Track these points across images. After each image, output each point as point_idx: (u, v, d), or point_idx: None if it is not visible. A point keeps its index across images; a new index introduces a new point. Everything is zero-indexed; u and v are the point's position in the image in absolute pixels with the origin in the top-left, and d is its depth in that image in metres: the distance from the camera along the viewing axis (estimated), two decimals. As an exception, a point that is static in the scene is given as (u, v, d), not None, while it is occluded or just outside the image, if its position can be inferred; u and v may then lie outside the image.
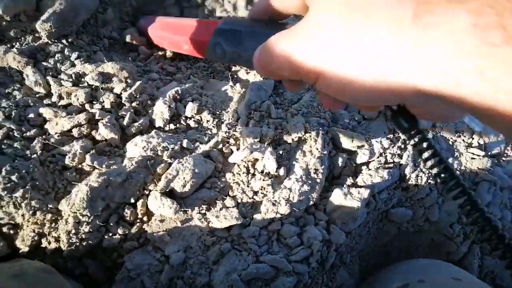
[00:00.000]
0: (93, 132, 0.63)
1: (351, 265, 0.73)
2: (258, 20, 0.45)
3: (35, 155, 0.58)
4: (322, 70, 0.30)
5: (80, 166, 0.60)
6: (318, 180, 0.65)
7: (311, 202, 0.65)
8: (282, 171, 0.64)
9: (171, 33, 0.73)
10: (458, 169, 0.77)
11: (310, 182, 0.65)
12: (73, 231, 0.54)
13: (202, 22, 0.64)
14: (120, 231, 0.57)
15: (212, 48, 0.52)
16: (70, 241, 0.54)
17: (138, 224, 0.59)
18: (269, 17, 0.44)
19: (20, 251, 0.56)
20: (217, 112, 0.71)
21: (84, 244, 0.55)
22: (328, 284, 0.68)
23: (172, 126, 0.67)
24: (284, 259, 0.61)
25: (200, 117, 0.69)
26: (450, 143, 0.79)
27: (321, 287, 0.66)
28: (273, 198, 0.63)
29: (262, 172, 0.64)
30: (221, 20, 0.52)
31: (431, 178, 0.73)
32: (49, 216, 0.55)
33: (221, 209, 0.60)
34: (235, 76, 0.81)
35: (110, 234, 0.57)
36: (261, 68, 0.38)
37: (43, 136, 0.61)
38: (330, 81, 0.30)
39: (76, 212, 0.54)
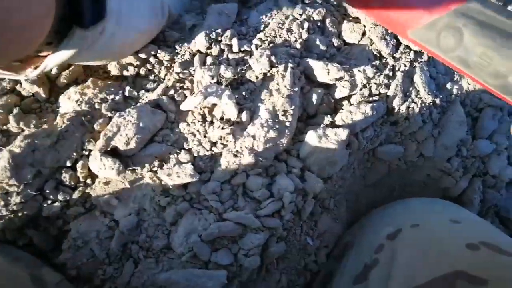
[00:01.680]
0: (17, 87, 0.54)
1: (335, 210, 0.66)
2: None
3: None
4: None
5: (5, 128, 0.52)
6: (287, 124, 0.56)
7: (281, 148, 0.57)
8: (244, 116, 0.55)
9: None
10: (459, 94, 0.67)
11: (277, 126, 0.56)
12: (2, 203, 0.48)
13: None
14: (60, 197, 0.51)
15: (439, 26, 0.33)
16: (0, 214, 0.48)
17: (81, 188, 0.52)
18: None
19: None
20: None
21: (19, 215, 0.50)
22: (308, 233, 0.62)
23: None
24: (251, 214, 0.54)
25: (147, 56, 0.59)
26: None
27: (300, 237, 0.60)
28: (234, 148, 0.54)
29: (221, 119, 0.55)
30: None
31: (424, 108, 0.63)
32: (-25, 187, 0.49)
33: (174, 165, 0.53)
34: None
35: (49, 202, 0.51)
36: None
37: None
38: None
39: (1, 182, 0.47)
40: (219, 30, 0.59)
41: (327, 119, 0.60)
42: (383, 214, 0.66)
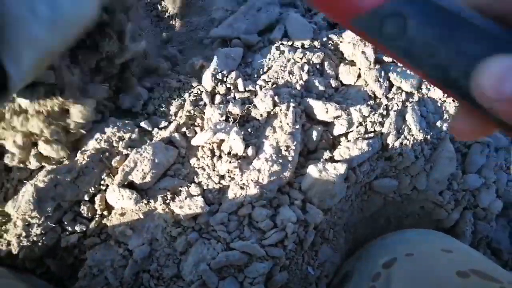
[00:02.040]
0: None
1: (335, 240, 0.70)
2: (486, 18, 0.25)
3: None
4: None
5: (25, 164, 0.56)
6: (290, 158, 0.61)
7: (284, 181, 0.61)
8: (250, 151, 0.60)
9: None
10: (448, 131, 0.72)
11: (281, 160, 0.60)
12: (24, 234, 0.51)
13: None
14: (77, 228, 0.54)
15: (382, 14, 0.29)
16: (21, 244, 0.51)
17: (97, 219, 0.56)
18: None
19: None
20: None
21: (39, 245, 0.53)
22: (309, 262, 0.65)
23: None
24: (257, 244, 0.57)
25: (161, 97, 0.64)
26: (439, 104, 0.73)
27: (301, 266, 0.63)
28: (241, 181, 0.58)
29: (229, 153, 0.60)
30: None
31: (416, 145, 0.68)
32: (-1, 219, 0.52)
33: (185, 198, 0.57)
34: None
35: (67, 233, 0.54)
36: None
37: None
38: None
39: (24, 215, 0.51)
40: (225, 72, 0.65)
41: (326, 154, 0.64)
42: (380, 245, 0.69)
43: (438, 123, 0.71)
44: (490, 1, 0.24)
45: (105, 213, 0.56)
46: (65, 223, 0.54)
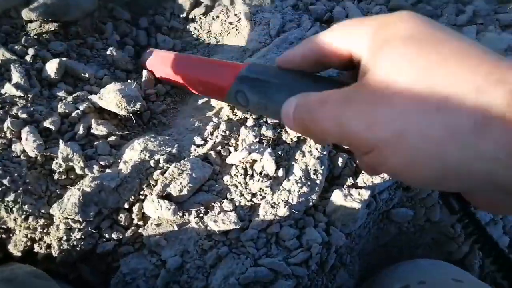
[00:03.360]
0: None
1: (351, 266, 0.72)
2: (287, 70, 0.39)
3: (24, 158, 0.56)
4: (381, 146, 0.27)
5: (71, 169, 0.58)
6: (317, 181, 0.64)
7: (311, 204, 0.64)
8: (281, 172, 0.63)
9: (182, 71, 0.64)
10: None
11: (309, 183, 0.63)
12: (64, 237, 0.53)
13: (221, 65, 0.55)
14: (114, 236, 0.56)
15: (233, 95, 0.45)
16: (61, 247, 0.53)
17: (133, 228, 0.58)
18: (301, 68, 0.38)
19: (13, 256, 0.55)
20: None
21: (77, 250, 0.54)
22: (327, 285, 0.67)
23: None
24: (283, 262, 0.59)
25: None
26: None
27: (320, 288, 0.65)
28: (271, 200, 0.61)
29: (260, 173, 0.63)
30: (245, 65, 0.45)
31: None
32: (41, 221, 0.54)
33: (219, 213, 0.59)
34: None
35: (104, 240, 0.56)
36: (297, 126, 0.33)
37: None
38: (386, 159, 0.27)
39: (67, 218, 0.52)
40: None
41: (350, 181, 0.68)
42: (393, 272, 0.72)
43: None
44: (299, 63, 0.38)
45: (141, 223, 0.58)
46: (103, 229, 0.56)
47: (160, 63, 0.71)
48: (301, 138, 0.66)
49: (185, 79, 0.65)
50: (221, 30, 0.89)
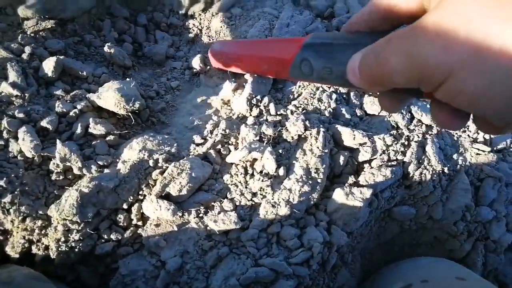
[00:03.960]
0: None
1: (352, 265, 0.71)
2: (355, 33, 0.39)
3: (21, 158, 0.55)
4: (457, 68, 0.25)
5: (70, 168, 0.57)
6: (319, 180, 0.63)
7: (312, 203, 0.63)
8: (281, 171, 0.62)
9: (246, 52, 0.66)
10: (463, 164, 0.75)
11: (310, 182, 0.62)
12: (62, 239, 0.52)
13: (283, 40, 0.57)
14: (113, 236, 0.55)
15: (297, 65, 0.46)
16: (59, 249, 0.52)
17: (132, 228, 0.57)
18: (368, 28, 0.37)
19: (10, 258, 0.55)
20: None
21: (75, 251, 0.53)
22: (329, 284, 0.66)
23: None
24: (284, 262, 0.59)
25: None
26: (455, 138, 0.77)
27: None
28: (272, 199, 0.60)
29: (261, 172, 0.62)
30: (309, 35, 0.45)
31: (435, 175, 0.71)
32: (39, 222, 0.53)
33: (219, 212, 0.58)
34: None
35: (103, 241, 0.55)
36: (364, 76, 0.32)
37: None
38: (464, 83, 0.25)
39: (65, 219, 0.52)
40: (258, 97, 0.68)
41: (351, 179, 0.67)
42: (395, 271, 0.71)
43: (455, 156, 0.75)
44: (365, 22, 0.37)
45: (140, 223, 0.57)
46: (101, 230, 0.55)
47: (223, 51, 0.72)
48: (302, 136, 0.66)
49: (248, 60, 0.66)
50: (221, 27, 0.88)
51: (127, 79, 0.66)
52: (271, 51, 0.56)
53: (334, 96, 0.71)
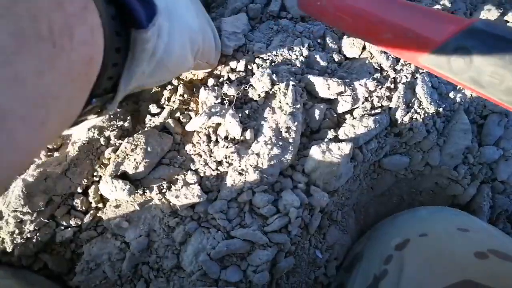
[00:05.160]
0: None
1: (343, 222, 0.67)
2: None
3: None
4: None
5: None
6: (291, 140, 0.57)
7: (285, 165, 0.58)
8: (248, 134, 0.56)
9: (372, 9, 0.43)
10: (462, 102, 0.67)
11: (281, 143, 0.57)
12: (17, 231, 0.50)
13: (434, 12, 0.39)
14: (72, 222, 0.53)
15: (446, 53, 0.33)
16: (15, 242, 0.50)
17: (92, 212, 0.54)
18: None
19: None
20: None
21: (33, 242, 0.51)
22: (317, 245, 0.62)
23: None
24: (258, 230, 0.55)
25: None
26: (451, 73, 0.68)
27: (309, 250, 0.61)
28: (239, 166, 0.56)
29: (226, 138, 0.57)
30: (476, 19, 0.34)
31: (428, 118, 0.64)
32: (-9, 216, 0.51)
33: (182, 186, 0.54)
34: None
35: (62, 228, 0.53)
36: None
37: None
38: None
39: (15, 211, 0.49)
40: (221, 52, 0.61)
41: (331, 134, 0.61)
42: (391, 225, 0.66)
43: (451, 94, 0.66)
44: None
45: (100, 205, 0.54)
46: (59, 217, 0.52)
47: None
48: (270, 93, 0.59)
49: (368, 20, 0.44)
50: None
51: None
52: (412, 20, 0.39)
53: (306, 42, 0.63)
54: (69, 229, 0.53)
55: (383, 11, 0.42)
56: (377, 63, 0.64)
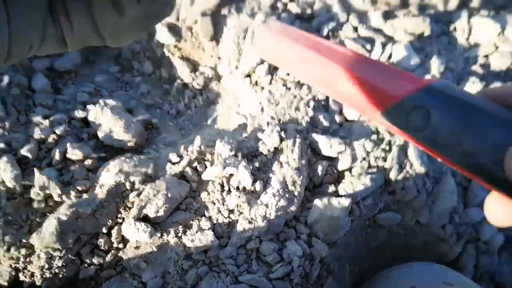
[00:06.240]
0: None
1: (339, 274, 0.72)
2: (501, 106, 0.28)
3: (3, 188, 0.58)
4: None
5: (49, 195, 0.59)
6: (296, 193, 0.64)
7: (291, 216, 0.64)
8: (258, 186, 0.63)
9: (320, 55, 0.43)
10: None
11: (287, 195, 0.63)
12: (46, 266, 0.54)
13: (391, 69, 0.38)
14: (95, 260, 0.57)
15: (403, 109, 0.32)
16: (44, 276, 0.54)
17: (113, 251, 0.59)
18: None
19: (1, 286, 0.57)
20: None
21: (59, 277, 0.55)
22: (315, 295, 0.67)
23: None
24: (264, 277, 0.60)
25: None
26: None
27: (307, 300, 0.65)
28: (249, 215, 0.61)
29: (237, 188, 0.63)
30: (434, 79, 0.33)
31: (418, 179, 0.71)
32: (23, 251, 0.55)
33: (196, 231, 0.59)
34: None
35: (86, 265, 0.57)
36: None
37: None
38: None
39: (47, 247, 0.54)
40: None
41: (331, 189, 0.67)
42: (385, 278, 0.71)
43: (439, 159, 0.74)
44: (506, 95, 0.27)
45: (121, 246, 0.59)
46: (83, 255, 0.57)
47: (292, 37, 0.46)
48: (278, 148, 0.66)
49: (321, 67, 0.43)
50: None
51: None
52: (372, 75, 0.39)
53: (312, 103, 0.71)
54: (92, 266, 0.57)
55: (339, 62, 0.41)
56: (375, 126, 0.72)
